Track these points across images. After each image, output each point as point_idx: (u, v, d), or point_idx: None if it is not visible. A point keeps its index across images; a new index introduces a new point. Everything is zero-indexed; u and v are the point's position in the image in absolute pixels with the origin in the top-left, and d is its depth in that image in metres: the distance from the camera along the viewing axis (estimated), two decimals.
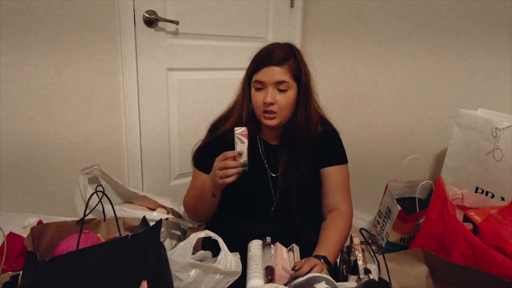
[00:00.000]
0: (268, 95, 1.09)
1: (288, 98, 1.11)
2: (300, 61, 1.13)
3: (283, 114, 1.13)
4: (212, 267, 0.94)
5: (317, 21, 2.08)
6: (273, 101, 1.10)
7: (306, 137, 1.15)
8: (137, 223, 1.08)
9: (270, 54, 1.11)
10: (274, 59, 1.09)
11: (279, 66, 1.09)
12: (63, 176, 1.54)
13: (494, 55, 1.51)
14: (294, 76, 1.11)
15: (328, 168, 1.20)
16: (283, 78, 1.09)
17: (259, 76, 1.11)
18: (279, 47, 1.13)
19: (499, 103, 1.52)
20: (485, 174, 1.39)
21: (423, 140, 1.77)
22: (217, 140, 1.20)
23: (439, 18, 1.63)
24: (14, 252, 1.03)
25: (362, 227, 1.15)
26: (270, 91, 1.10)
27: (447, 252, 1.21)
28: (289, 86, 1.11)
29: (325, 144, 1.20)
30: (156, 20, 1.60)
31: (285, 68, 1.10)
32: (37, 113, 1.43)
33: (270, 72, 1.09)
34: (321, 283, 0.86)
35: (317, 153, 1.19)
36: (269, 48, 1.14)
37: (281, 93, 1.11)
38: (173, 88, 1.74)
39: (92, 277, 0.77)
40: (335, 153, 1.23)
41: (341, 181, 1.21)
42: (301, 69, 1.13)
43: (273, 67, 1.09)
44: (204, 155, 1.24)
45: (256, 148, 1.22)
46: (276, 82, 1.09)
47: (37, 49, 1.38)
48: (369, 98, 1.94)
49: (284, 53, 1.11)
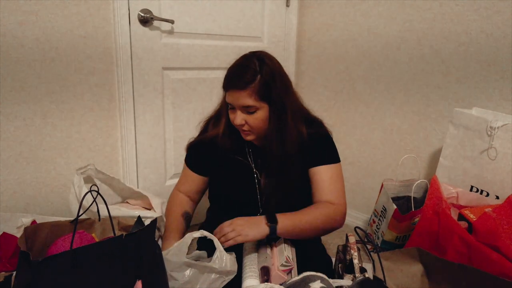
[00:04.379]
0: (237, 117, 1.08)
1: (257, 119, 1.08)
2: (269, 77, 1.06)
3: (256, 132, 1.12)
4: (208, 267, 0.94)
5: (313, 21, 2.08)
6: (243, 123, 1.09)
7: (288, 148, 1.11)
8: (132, 222, 1.08)
9: (233, 77, 1.07)
10: (237, 83, 1.05)
11: (242, 90, 1.04)
12: (57, 176, 1.53)
13: (490, 54, 1.51)
14: (261, 96, 1.05)
15: (316, 167, 1.17)
16: (247, 103, 1.05)
17: (227, 97, 1.09)
18: (245, 66, 1.07)
19: (493, 102, 1.52)
20: (480, 173, 1.39)
21: (418, 139, 1.78)
22: (206, 142, 1.22)
23: (437, 18, 1.63)
24: (8, 252, 1.02)
25: (357, 226, 1.15)
26: (238, 114, 1.08)
27: (442, 251, 1.21)
28: (256, 108, 1.06)
29: (314, 145, 1.17)
30: (151, 19, 1.59)
31: (249, 91, 1.04)
32: (34, 114, 1.42)
33: (235, 97, 1.06)
34: (316, 282, 0.86)
35: (305, 154, 1.15)
36: (235, 67, 1.10)
37: (250, 115, 1.08)
38: (168, 87, 1.74)
39: (86, 277, 0.77)
40: (324, 153, 1.19)
41: (331, 179, 1.17)
42: (270, 86, 1.06)
43: (237, 92, 1.05)
44: (193, 154, 1.28)
45: (244, 151, 1.22)
46: (242, 106, 1.07)
47: (33, 49, 1.37)
48: (364, 96, 1.94)
49: (248, 75, 1.04)
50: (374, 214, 1.83)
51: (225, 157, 1.21)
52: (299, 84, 2.18)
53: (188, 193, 1.31)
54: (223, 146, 1.18)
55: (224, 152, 1.20)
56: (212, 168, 1.24)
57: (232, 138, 1.18)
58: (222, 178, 1.24)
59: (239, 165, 1.20)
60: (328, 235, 1.79)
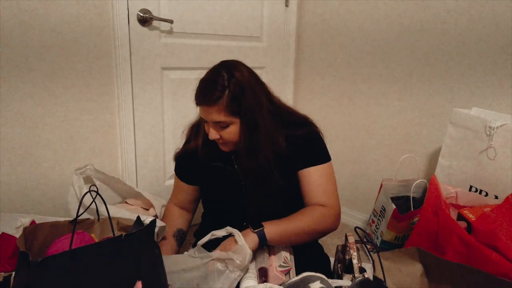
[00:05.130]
0: (210, 133, 1.07)
1: (231, 133, 1.06)
2: (238, 90, 1.02)
3: (232, 144, 1.10)
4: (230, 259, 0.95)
5: (312, 21, 2.08)
6: (217, 137, 1.07)
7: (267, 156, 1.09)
8: (131, 223, 1.07)
9: (201, 94, 1.04)
10: (205, 100, 1.03)
11: (212, 106, 1.02)
12: (56, 176, 1.53)
13: (489, 54, 1.51)
14: (231, 111, 1.02)
15: (305, 169, 1.14)
16: (217, 118, 1.03)
17: (200, 112, 1.08)
18: (213, 80, 1.03)
19: (493, 102, 1.53)
20: (479, 172, 1.39)
21: (417, 139, 1.78)
22: (190, 152, 1.20)
23: (434, 18, 1.63)
24: (7, 252, 1.02)
25: (357, 226, 1.15)
26: (211, 128, 1.06)
27: (441, 250, 1.21)
28: (227, 123, 1.04)
29: (301, 147, 1.13)
30: (151, 19, 1.59)
31: (218, 107, 1.01)
32: (31, 113, 1.42)
33: (206, 112, 1.04)
34: (315, 283, 0.86)
35: (290, 158, 1.12)
36: (203, 81, 1.06)
37: (223, 129, 1.06)
38: (167, 87, 1.74)
39: (85, 278, 0.77)
40: (312, 154, 1.15)
41: (321, 180, 1.13)
42: (239, 100, 1.02)
43: (207, 108, 1.03)
44: (180, 164, 1.28)
45: (229, 157, 1.18)
46: (213, 122, 1.05)
47: (31, 48, 1.37)
48: (363, 96, 1.94)
49: (216, 92, 1.01)
50: (373, 214, 1.83)
51: (211, 165, 1.19)
52: (299, 84, 2.19)
53: (182, 204, 1.31)
54: (205, 157, 1.16)
55: (209, 161, 1.18)
56: (200, 177, 1.24)
57: (214, 146, 1.15)
58: (209, 186, 1.23)
59: (225, 172, 1.18)
60: (327, 235, 1.79)
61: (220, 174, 1.19)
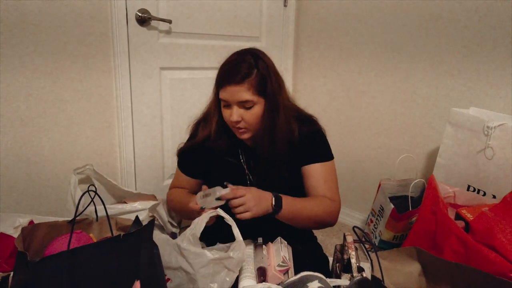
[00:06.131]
0: (233, 114, 1.06)
1: (254, 114, 1.07)
2: (265, 72, 1.06)
3: (252, 129, 1.10)
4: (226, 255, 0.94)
5: (310, 21, 2.08)
6: (239, 119, 1.07)
7: (279, 145, 1.11)
8: (130, 222, 1.07)
9: (229, 72, 1.05)
10: (233, 78, 1.03)
11: (240, 85, 1.03)
12: (55, 176, 1.52)
13: (486, 55, 1.52)
14: (258, 91, 1.05)
15: (310, 165, 1.16)
16: (245, 97, 1.04)
17: (222, 94, 1.07)
18: (240, 61, 1.06)
19: (490, 102, 1.53)
20: (477, 172, 1.40)
21: (415, 139, 1.79)
22: (197, 146, 1.20)
23: (432, 18, 1.64)
24: (5, 252, 1.02)
25: (355, 226, 1.15)
26: (235, 110, 1.06)
27: (439, 250, 1.21)
28: (254, 103, 1.06)
29: (306, 143, 1.16)
30: (149, 19, 1.59)
31: (246, 86, 1.04)
32: (29, 112, 1.42)
33: (232, 92, 1.04)
34: (314, 282, 0.86)
35: (296, 153, 1.15)
36: (230, 63, 1.08)
37: (247, 110, 1.07)
38: (166, 87, 1.74)
39: (84, 277, 0.77)
40: (317, 151, 1.18)
41: (324, 177, 1.16)
42: (266, 81, 1.06)
43: (234, 87, 1.04)
44: (185, 158, 1.27)
45: (236, 152, 1.20)
46: (239, 101, 1.05)
47: (29, 50, 1.36)
48: (362, 96, 1.94)
49: (244, 69, 1.04)
50: (371, 213, 1.83)
51: (217, 159, 1.20)
52: (297, 84, 2.19)
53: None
54: (216, 146, 1.17)
55: (216, 155, 1.19)
56: (205, 171, 1.24)
57: (224, 139, 1.16)
58: (215, 180, 1.23)
59: (232, 166, 1.20)
60: (326, 235, 1.79)
61: (227, 168, 1.19)
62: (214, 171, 1.22)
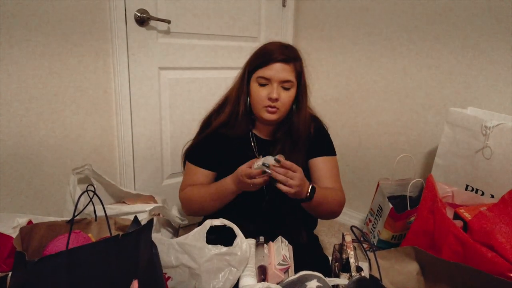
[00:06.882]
0: (273, 91, 1.12)
1: (290, 96, 1.15)
2: (303, 63, 1.18)
3: (283, 110, 1.16)
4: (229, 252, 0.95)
5: (309, 21, 2.08)
6: (278, 97, 1.13)
7: (301, 134, 1.20)
8: (129, 222, 1.08)
9: (279, 51, 1.13)
10: (284, 56, 1.12)
11: (287, 64, 1.12)
12: (53, 176, 1.52)
13: (484, 55, 1.52)
14: (297, 76, 1.15)
15: (317, 158, 1.24)
16: (289, 77, 1.12)
17: (265, 71, 1.13)
18: (288, 46, 1.16)
19: (489, 101, 1.53)
20: (475, 172, 1.40)
21: (414, 138, 1.79)
22: (210, 136, 1.22)
23: (429, 19, 1.64)
24: (3, 252, 1.01)
25: (353, 225, 1.16)
26: (275, 87, 1.12)
27: (438, 250, 1.22)
28: (292, 85, 1.14)
29: (314, 138, 1.24)
30: (148, 19, 1.59)
31: (292, 67, 1.13)
32: (27, 112, 1.41)
33: (278, 69, 1.12)
34: (312, 281, 0.86)
35: (310, 146, 1.23)
36: (277, 45, 1.16)
37: (285, 91, 1.14)
38: (165, 87, 1.74)
39: (82, 277, 0.77)
40: (323, 145, 1.26)
41: (331, 170, 1.24)
42: (302, 71, 1.17)
43: (282, 64, 1.12)
44: (200, 151, 1.27)
45: (249, 143, 1.24)
46: (282, 80, 1.12)
47: (28, 49, 1.36)
48: (360, 97, 1.94)
49: (293, 53, 1.15)
50: (370, 213, 1.84)
51: (230, 151, 1.22)
52: None
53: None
54: (232, 132, 1.20)
55: (229, 147, 1.22)
56: (219, 162, 1.25)
57: (244, 124, 1.21)
58: (228, 172, 1.23)
59: (245, 158, 1.18)
60: (324, 235, 1.80)
61: (240, 159, 1.18)
62: (227, 162, 1.22)
